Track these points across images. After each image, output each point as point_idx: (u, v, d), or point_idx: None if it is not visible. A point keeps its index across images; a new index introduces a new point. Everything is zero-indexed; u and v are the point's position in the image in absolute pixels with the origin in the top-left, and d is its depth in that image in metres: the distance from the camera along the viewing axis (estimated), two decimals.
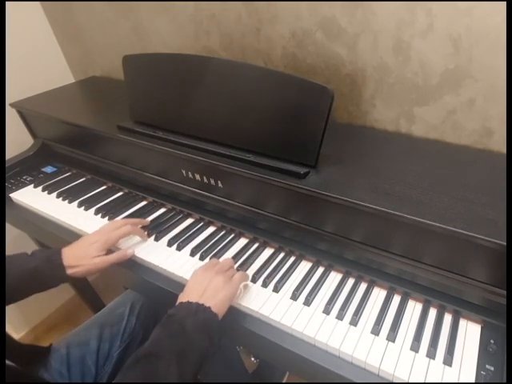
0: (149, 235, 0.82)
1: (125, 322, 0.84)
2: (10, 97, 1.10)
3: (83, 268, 0.69)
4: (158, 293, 0.76)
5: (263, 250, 0.78)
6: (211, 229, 0.84)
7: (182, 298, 0.59)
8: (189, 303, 0.56)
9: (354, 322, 0.62)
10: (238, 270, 0.72)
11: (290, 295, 0.67)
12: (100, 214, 0.90)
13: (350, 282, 0.70)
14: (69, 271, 0.68)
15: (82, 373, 0.77)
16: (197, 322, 0.53)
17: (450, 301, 0.63)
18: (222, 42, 1.00)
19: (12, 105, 1.08)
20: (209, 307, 0.56)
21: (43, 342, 0.80)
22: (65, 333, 0.83)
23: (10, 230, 1.08)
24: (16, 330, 1.46)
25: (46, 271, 0.67)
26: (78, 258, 0.69)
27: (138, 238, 0.80)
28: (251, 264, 0.75)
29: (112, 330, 0.83)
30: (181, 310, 0.56)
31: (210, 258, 0.75)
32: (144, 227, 0.83)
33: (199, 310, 0.55)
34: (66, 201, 0.95)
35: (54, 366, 0.75)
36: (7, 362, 0.56)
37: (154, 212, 0.90)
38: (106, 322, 0.83)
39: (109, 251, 0.74)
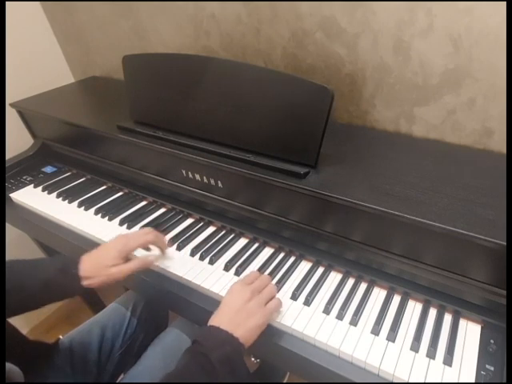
0: None
1: (126, 323, 0.84)
2: (10, 97, 1.11)
3: (98, 279, 0.64)
4: (158, 293, 0.76)
5: (263, 249, 0.78)
6: (211, 229, 0.84)
7: (215, 319, 0.57)
8: (219, 331, 0.55)
9: (354, 321, 0.62)
10: (276, 285, 0.69)
11: (290, 295, 0.67)
12: (100, 214, 0.90)
13: (350, 281, 0.70)
14: (85, 282, 0.63)
15: (85, 372, 0.77)
16: (223, 355, 0.52)
17: (450, 301, 0.63)
18: (222, 41, 1.00)
19: (12, 105, 1.08)
20: (237, 338, 0.54)
21: None
22: (65, 333, 0.83)
23: (10, 230, 1.08)
24: None
25: (60, 282, 0.63)
26: (94, 268, 0.64)
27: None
28: (251, 264, 0.75)
29: (114, 331, 0.83)
30: (210, 338, 0.54)
31: (211, 258, 0.75)
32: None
33: (227, 340, 0.54)
34: (66, 201, 0.95)
35: (58, 364, 0.75)
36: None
37: (154, 212, 0.90)
38: (108, 323, 0.83)
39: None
